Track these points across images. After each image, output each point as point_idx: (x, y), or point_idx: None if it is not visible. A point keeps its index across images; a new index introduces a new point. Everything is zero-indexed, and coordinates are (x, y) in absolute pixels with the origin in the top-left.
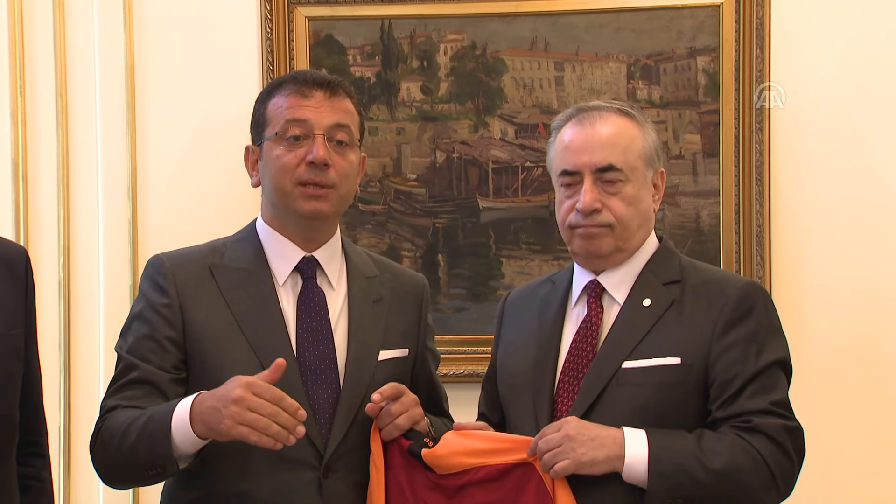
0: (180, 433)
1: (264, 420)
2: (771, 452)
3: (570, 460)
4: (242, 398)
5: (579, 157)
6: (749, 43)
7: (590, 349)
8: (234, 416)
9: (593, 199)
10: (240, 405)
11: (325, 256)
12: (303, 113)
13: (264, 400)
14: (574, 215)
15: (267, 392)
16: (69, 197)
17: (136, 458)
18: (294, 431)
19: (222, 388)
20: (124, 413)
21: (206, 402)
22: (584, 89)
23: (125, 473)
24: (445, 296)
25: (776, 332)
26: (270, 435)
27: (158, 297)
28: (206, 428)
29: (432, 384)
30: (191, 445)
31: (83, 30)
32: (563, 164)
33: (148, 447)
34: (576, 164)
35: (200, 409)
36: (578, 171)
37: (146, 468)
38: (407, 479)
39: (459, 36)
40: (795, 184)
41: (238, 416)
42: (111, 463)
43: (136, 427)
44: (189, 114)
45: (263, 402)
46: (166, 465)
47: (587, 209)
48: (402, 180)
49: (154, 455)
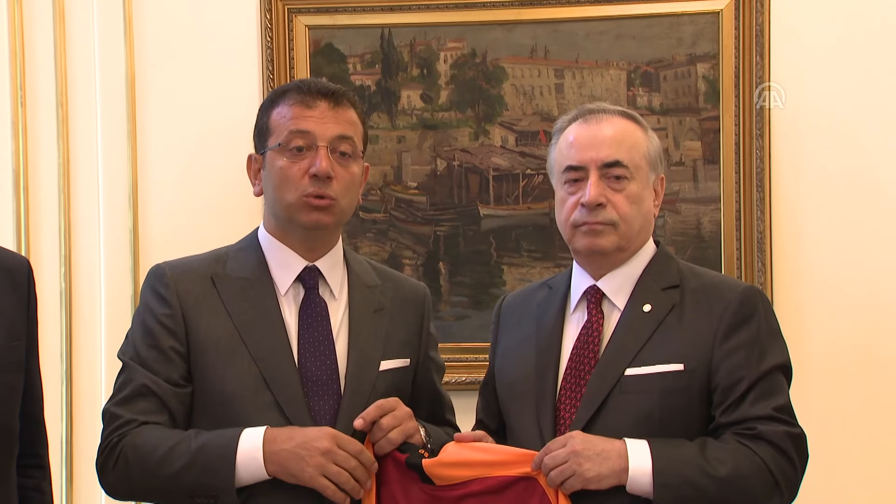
0: (247, 468)
1: (345, 475)
2: (774, 459)
3: (577, 477)
4: (330, 451)
5: (585, 152)
6: (749, 49)
7: (592, 356)
8: (320, 468)
9: (599, 193)
10: (327, 457)
11: (327, 266)
12: (306, 124)
13: (348, 454)
14: (578, 212)
15: (350, 445)
16: (70, 206)
17: (180, 484)
18: (364, 486)
19: (302, 431)
20: (153, 432)
21: (283, 444)
22: (584, 96)
23: (160, 496)
24: (447, 303)
25: (776, 336)
26: (346, 490)
27: (161, 307)
28: (281, 469)
29: (435, 394)
30: (254, 480)
31: (84, 39)
32: (568, 160)
33: (201, 476)
34: (581, 159)
35: (276, 449)
36: (584, 165)
37: (193, 495)
38: (402, 494)
39: (459, 44)
40: (796, 190)
41: (324, 468)
42: (138, 483)
43: (182, 453)
44: (189, 122)
45: (348, 455)
46: (221, 496)
47: (592, 202)
48: (402, 188)
49: (209, 486)
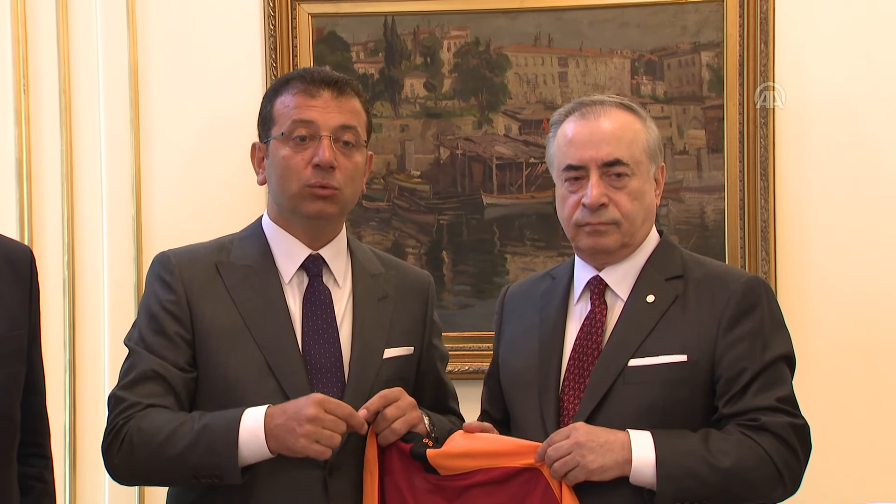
0: (250, 447)
1: (337, 438)
2: (777, 450)
3: (580, 468)
4: (317, 417)
5: (585, 151)
6: (753, 38)
7: (595, 347)
8: (310, 435)
9: (600, 193)
10: (315, 423)
11: (331, 254)
12: (309, 113)
13: (336, 418)
14: (580, 212)
15: (338, 409)
16: (73, 195)
17: (184, 465)
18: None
19: (293, 403)
20: (158, 415)
21: (277, 420)
22: (588, 85)
23: (164, 477)
24: (450, 292)
25: (780, 326)
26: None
27: (166, 293)
28: (279, 444)
29: (439, 382)
30: (257, 458)
31: (86, 28)
32: (568, 159)
33: (205, 456)
34: (581, 158)
35: (273, 425)
36: (584, 165)
37: (196, 476)
38: (406, 483)
39: (463, 32)
40: (800, 178)
41: (314, 434)
42: (144, 465)
43: (186, 434)
44: (193, 111)
45: (336, 420)
46: (225, 475)
47: (594, 204)
48: (406, 177)
49: (212, 465)
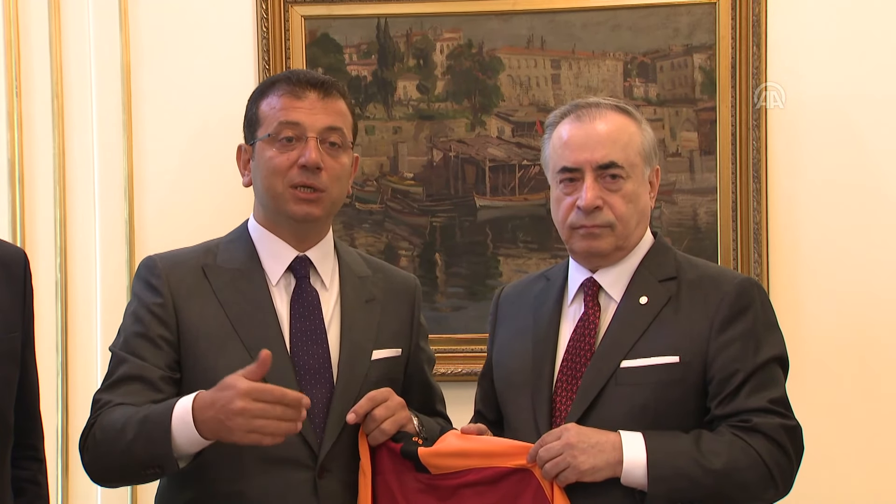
0: (182, 434)
1: (273, 424)
2: (769, 452)
3: (571, 469)
4: (245, 410)
5: (580, 153)
6: (745, 40)
7: (588, 348)
8: (242, 427)
9: (595, 196)
10: (244, 416)
11: (318, 256)
12: (296, 115)
13: (266, 403)
14: (575, 215)
15: (268, 395)
16: (66, 198)
17: (132, 457)
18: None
19: (220, 395)
20: (119, 410)
21: (207, 412)
22: (580, 87)
23: (120, 472)
24: (443, 294)
25: (773, 328)
26: (280, 434)
27: (152, 297)
28: (214, 436)
29: (426, 384)
30: (194, 446)
31: (79, 30)
32: (563, 161)
33: (146, 447)
34: (577, 160)
35: (203, 416)
36: (579, 167)
37: (143, 467)
38: (397, 483)
39: (456, 34)
40: (793, 181)
41: (246, 426)
42: (104, 461)
43: (132, 425)
44: (185, 114)
45: (266, 406)
46: (164, 464)
47: (589, 207)
48: (399, 179)
49: (152, 455)
